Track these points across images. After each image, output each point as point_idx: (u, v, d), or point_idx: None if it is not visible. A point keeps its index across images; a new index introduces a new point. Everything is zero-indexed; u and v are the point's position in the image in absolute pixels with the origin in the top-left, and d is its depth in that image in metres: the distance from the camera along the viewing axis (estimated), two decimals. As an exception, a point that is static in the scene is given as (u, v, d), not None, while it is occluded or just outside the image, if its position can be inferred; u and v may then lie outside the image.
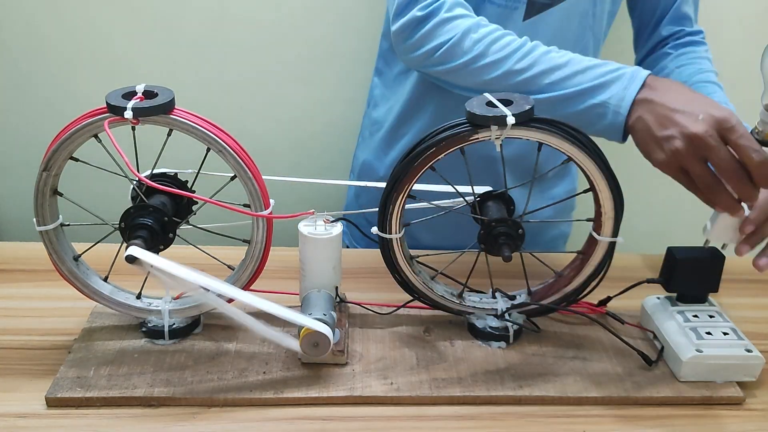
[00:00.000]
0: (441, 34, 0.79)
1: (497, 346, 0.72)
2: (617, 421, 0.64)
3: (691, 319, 0.71)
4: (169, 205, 0.67)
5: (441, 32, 0.79)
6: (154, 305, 0.70)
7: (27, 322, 0.74)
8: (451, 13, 0.79)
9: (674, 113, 0.66)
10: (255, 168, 0.65)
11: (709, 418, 0.65)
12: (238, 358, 0.68)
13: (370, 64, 1.15)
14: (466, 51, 0.78)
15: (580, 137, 0.65)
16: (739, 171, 0.63)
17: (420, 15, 0.80)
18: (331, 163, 1.29)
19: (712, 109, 0.65)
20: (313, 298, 0.69)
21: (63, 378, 0.64)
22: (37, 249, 0.70)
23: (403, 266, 0.71)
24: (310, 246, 0.69)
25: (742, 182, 0.63)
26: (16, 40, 1.17)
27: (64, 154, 0.63)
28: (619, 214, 0.68)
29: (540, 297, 0.74)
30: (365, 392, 0.65)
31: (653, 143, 0.68)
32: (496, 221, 0.68)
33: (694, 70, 0.90)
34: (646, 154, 0.69)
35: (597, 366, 0.69)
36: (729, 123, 0.63)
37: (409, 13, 0.81)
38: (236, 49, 1.20)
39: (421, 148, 0.66)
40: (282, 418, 0.62)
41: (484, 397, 0.65)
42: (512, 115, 0.62)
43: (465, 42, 0.77)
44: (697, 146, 0.64)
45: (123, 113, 0.60)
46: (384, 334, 0.73)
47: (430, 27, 0.79)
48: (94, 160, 0.64)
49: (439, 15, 0.79)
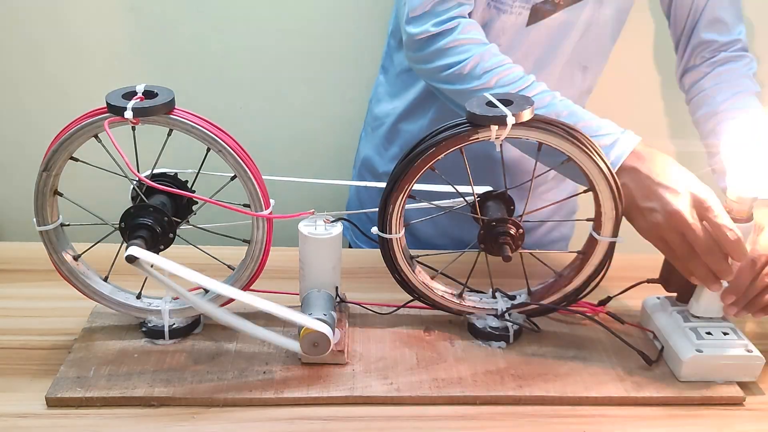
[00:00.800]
0: (451, 55, 0.79)
1: (497, 346, 0.72)
2: (617, 421, 0.64)
3: (691, 319, 0.71)
4: (169, 205, 0.68)
5: (452, 53, 0.79)
6: (154, 305, 0.70)
7: (27, 322, 0.74)
8: (465, 36, 0.79)
9: (657, 186, 0.68)
10: (255, 168, 0.65)
11: (709, 418, 0.65)
12: (238, 358, 0.68)
13: (370, 64, 1.15)
14: (473, 78, 0.78)
15: (580, 137, 0.65)
16: (714, 248, 0.66)
17: (434, 31, 0.79)
18: (332, 162, 1.29)
19: (694, 187, 0.67)
20: (313, 298, 0.69)
21: (63, 378, 0.64)
22: (37, 249, 0.70)
23: (403, 266, 0.71)
24: (310, 246, 0.69)
25: (716, 258, 0.66)
26: (16, 40, 1.17)
27: (65, 155, 0.63)
28: (618, 214, 0.68)
29: (540, 297, 0.74)
30: (365, 392, 0.65)
31: (636, 211, 0.69)
32: (496, 221, 0.68)
33: (730, 94, 0.89)
34: (628, 218, 0.71)
35: (597, 366, 0.69)
36: (707, 203, 0.66)
37: (423, 26, 0.80)
38: (236, 49, 1.20)
39: (421, 148, 0.66)
40: (282, 418, 0.62)
41: (484, 397, 0.65)
42: (512, 115, 0.62)
43: (474, 69, 0.77)
44: (676, 222, 0.66)
45: (123, 113, 0.60)
46: (384, 334, 0.73)
47: (442, 46, 0.79)
48: (94, 161, 0.64)
49: (453, 35, 0.79)
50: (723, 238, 0.65)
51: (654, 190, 0.68)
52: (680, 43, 0.96)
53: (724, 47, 0.93)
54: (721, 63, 0.93)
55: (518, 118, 0.62)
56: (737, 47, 0.94)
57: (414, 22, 0.81)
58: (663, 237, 0.68)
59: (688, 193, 0.67)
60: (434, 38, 0.80)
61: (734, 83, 0.90)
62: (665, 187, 0.67)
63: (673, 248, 0.68)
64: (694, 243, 0.66)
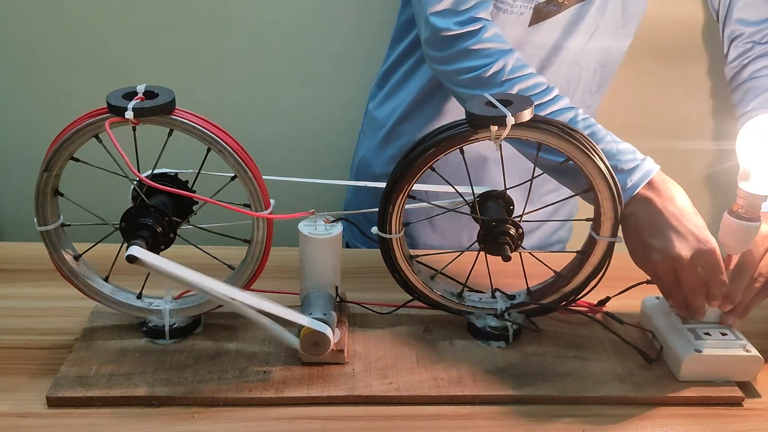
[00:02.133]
0: (474, 59, 0.76)
1: (497, 346, 0.72)
2: (617, 421, 0.64)
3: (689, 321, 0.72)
4: (170, 205, 0.68)
5: (475, 56, 0.76)
6: (155, 305, 0.71)
7: (28, 322, 0.74)
8: (490, 40, 0.76)
9: (666, 227, 0.68)
10: (255, 168, 0.65)
11: (708, 418, 0.65)
12: (239, 357, 0.68)
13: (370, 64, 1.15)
14: (493, 84, 0.76)
15: (579, 137, 0.65)
16: (700, 290, 0.68)
17: (457, 31, 0.77)
18: (331, 162, 1.29)
19: (701, 236, 0.67)
20: (313, 298, 0.69)
21: (64, 377, 0.64)
22: (38, 249, 0.70)
23: (403, 266, 0.71)
24: (310, 246, 0.69)
25: (698, 298, 0.69)
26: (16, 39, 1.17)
27: (65, 155, 0.64)
28: (618, 215, 0.68)
29: (539, 297, 0.74)
30: (365, 392, 0.65)
31: (638, 243, 0.70)
32: (496, 221, 0.68)
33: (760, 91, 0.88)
34: (627, 245, 0.71)
35: (596, 366, 0.70)
36: (709, 260, 0.67)
37: (446, 24, 0.78)
38: (236, 50, 1.20)
39: (421, 148, 0.66)
40: (282, 417, 0.62)
41: (483, 396, 0.65)
42: (512, 115, 0.62)
43: (496, 76, 0.75)
44: (674, 264, 0.68)
45: (124, 113, 0.60)
46: (384, 334, 0.73)
47: (465, 48, 0.77)
48: (95, 161, 0.64)
49: (477, 38, 0.76)
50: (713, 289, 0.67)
51: (662, 228, 0.68)
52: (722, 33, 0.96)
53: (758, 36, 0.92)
54: (759, 56, 0.92)
55: (518, 118, 0.62)
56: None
57: (436, 17, 0.78)
58: (656, 271, 0.70)
59: (694, 239, 0.67)
60: (458, 38, 0.77)
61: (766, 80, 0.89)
62: (674, 230, 0.67)
63: (662, 281, 0.70)
64: (683, 283, 0.68)
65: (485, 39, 0.77)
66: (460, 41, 0.77)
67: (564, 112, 0.74)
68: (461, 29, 0.77)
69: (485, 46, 0.77)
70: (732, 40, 0.94)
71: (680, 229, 0.67)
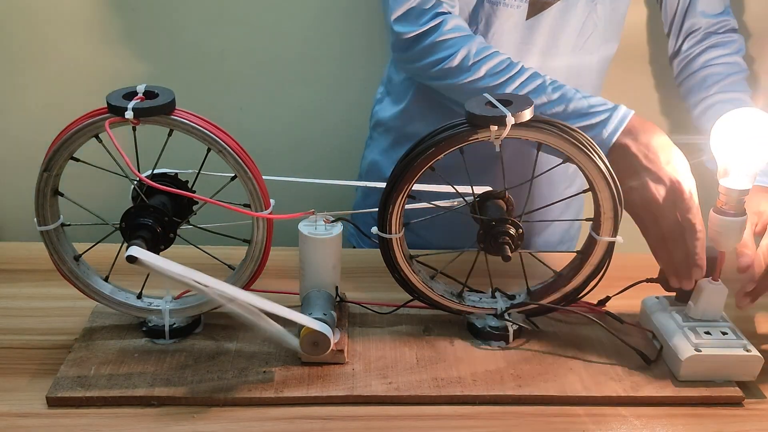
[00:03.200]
0: (438, 51, 0.80)
1: (497, 346, 0.72)
2: (617, 421, 0.64)
3: (690, 318, 0.72)
4: (170, 205, 0.68)
5: (439, 49, 0.80)
6: (155, 305, 0.71)
7: (28, 322, 0.74)
8: (450, 31, 0.80)
9: (642, 169, 0.69)
10: (255, 168, 0.65)
11: (709, 418, 0.65)
12: (239, 357, 0.68)
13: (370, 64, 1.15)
14: (462, 71, 0.79)
15: (579, 137, 0.65)
16: (679, 240, 0.68)
17: (419, 30, 0.80)
18: (331, 162, 1.29)
19: (680, 175, 0.68)
20: (313, 298, 0.69)
21: (63, 377, 0.64)
22: (37, 249, 0.70)
23: (403, 266, 0.71)
24: (310, 246, 0.69)
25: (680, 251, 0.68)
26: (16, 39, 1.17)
27: (65, 155, 0.64)
28: (618, 214, 0.68)
29: (539, 297, 0.74)
30: (365, 391, 0.65)
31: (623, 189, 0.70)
32: (496, 221, 0.68)
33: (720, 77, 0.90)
34: None
35: (597, 366, 0.70)
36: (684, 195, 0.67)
37: (408, 26, 0.81)
38: (237, 50, 1.20)
39: (421, 148, 0.66)
40: (282, 417, 0.62)
41: (484, 396, 0.65)
42: (512, 115, 0.62)
43: (462, 62, 0.79)
44: (649, 207, 0.69)
45: (124, 114, 0.60)
46: (384, 334, 0.73)
47: (428, 43, 0.80)
48: (95, 161, 0.64)
49: (438, 32, 0.80)
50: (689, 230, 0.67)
51: (638, 171, 0.69)
52: (672, 26, 0.98)
53: (714, 27, 0.94)
54: (712, 46, 0.94)
55: (518, 118, 0.62)
56: (727, 28, 0.95)
57: (398, 24, 0.82)
58: (639, 216, 0.71)
59: (669, 181, 0.68)
60: (420, 37, 0.80)
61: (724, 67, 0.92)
62: (649, 171, 0.69)
63: (647, 229, 0.70)
64: (664, 230, 0.68)
65: (446, 31, 0.80)
66: (422, 39, 0.80)
67: (532, 79, 0.76)
68: (422, 28, 0.80)
69: (446, 37, 0.80)
70: (689, 33, 0.96)
71: (655, 169, 0.69)
